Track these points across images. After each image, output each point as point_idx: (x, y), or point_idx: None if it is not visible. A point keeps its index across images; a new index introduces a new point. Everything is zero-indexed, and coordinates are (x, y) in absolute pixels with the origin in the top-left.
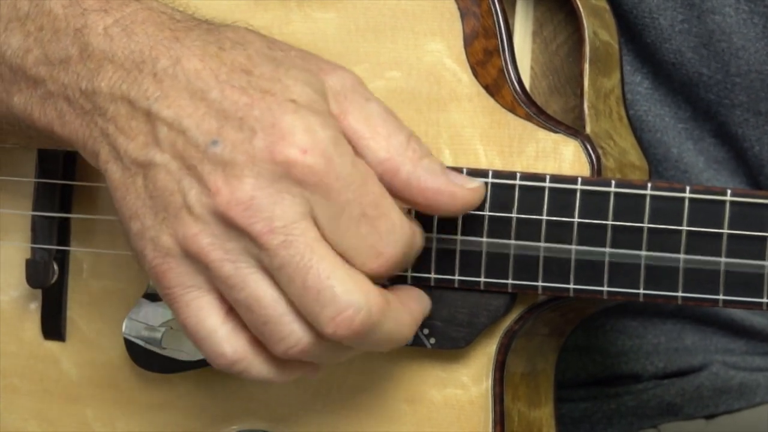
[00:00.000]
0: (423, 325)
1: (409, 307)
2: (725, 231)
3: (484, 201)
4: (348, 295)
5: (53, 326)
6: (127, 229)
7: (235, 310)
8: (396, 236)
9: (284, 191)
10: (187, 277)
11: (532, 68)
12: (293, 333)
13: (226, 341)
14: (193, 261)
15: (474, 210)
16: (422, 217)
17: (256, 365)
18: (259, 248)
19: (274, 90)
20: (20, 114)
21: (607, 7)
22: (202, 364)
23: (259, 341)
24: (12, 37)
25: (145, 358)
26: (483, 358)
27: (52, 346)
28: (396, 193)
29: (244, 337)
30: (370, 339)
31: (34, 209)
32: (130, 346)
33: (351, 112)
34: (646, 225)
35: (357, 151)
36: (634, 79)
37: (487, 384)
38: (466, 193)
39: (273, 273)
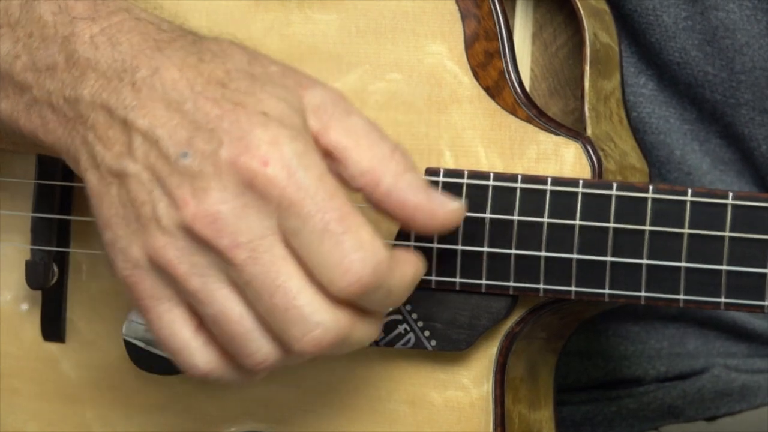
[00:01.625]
0: (424, 328)
1: (379, 318)
2: (727, 234)
3: (486, 203)
4: (316, 316)
5: (53, 327)
6: (102, 238)
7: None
8: (364, 254)
9: (249, 205)
10: (157, 289)
11: (532, 70)
12: (261, 349)
13: (199, 354)
14: (161, 273)
15: (475, 212)
16: None
17: (229, 374)
18: (226, 263)
19: (247, 102)
20: (6, 120)
21: (608, 8)
22: None
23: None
24: (2, 42)
25: (145, 360)
26: (484, 360)
27: (52, 347)
28: (376, 205)
29: (216, 349)
30: (341, 350)
31: (34, 210)
32: (130, 348)
33: (332, 126)
34: (647, 228)
35: (340, 164)
36: (638, 80)
37: (487, 386)
38: (445, 213)
39: (241, 288)
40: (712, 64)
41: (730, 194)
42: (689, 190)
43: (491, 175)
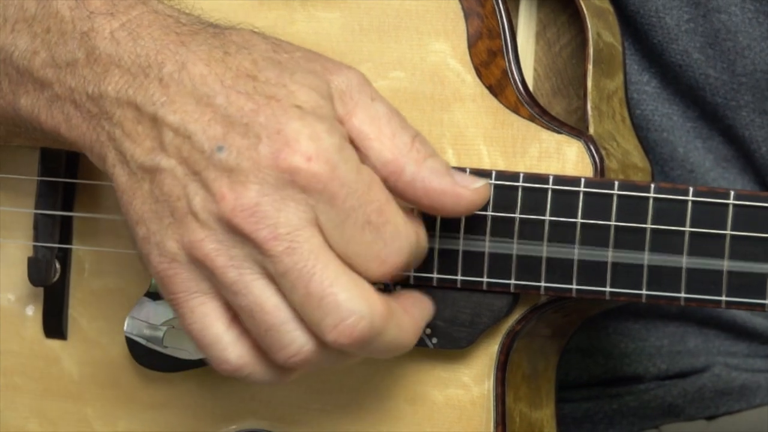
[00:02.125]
0: (425, 326)
1: (412, 315)
2: (728, 232)
3: (487, 201)
4: (351, 303)
5: (55, 325)
6: (133, 234)
7: (239, 316)
8: (400, 242)
9: (289, 198)
10: (193, 282)
11: (535, 70)
12: (295, 341)
13: (231, 348)
14: (198, 266)
15: (477, 210)
16: (425, 217)
17: (260, 371)
18: (263, 255)
19: (279, 95)
20: (27, 116)
21: (611, 9)
22: (203, 363)
23: (261, 347)
24: (19, 38)
25: (147, 357)
26: (485, 358)
27: (54, 344)
28: (400, 194)
29: (249, 343)
30: (372, 347)
31: (37, 207)
32: (132, 345)
33: (356, 113)
34: (649, 226)
35: (361, 152)
36: (642, 78)
37: (488, 384)
38: (470, 194)
39: (277, 279)
40: (713, 67)
41: (732, 193)
42: (691, 189)
43: (493, 173)
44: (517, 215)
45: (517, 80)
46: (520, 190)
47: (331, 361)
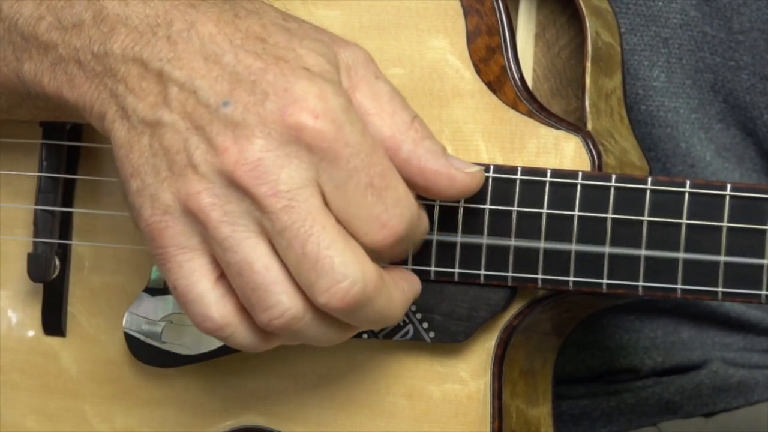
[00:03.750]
0: (423, 320)
1: (402, 287)
2: (725, 224)
3: (485, 195)
4: (345, 267)
5: (54, 321)
6: (126, 188)
7: (226, 275)
8: (402, 209)
9: (293, 155)
10: (183, 237)
11: (534, 71)
12: (280, 303)
13: (215, 306)
14: (191, 220)
15: (475, 203)
16: (424, 208)
17: (242, 332)
18: (261, 211)
19: (288, 57)
20: (30, 81)
21: (610, 8)
22: (201, 358)
23: (245, 309)
24: (24, 5)
25: (145, 353)
26: (482, 353)
27: (53, 341)
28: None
29: (233, 303)
30: (361, 314)
31: (37, 203)
32: (130, 341)
33: (360, 87)
34: (646, 219)
35: None
36: (651, 74)
37: (485, 379)
38: (464, 176)
39: (272, 237)
40: (710, 24)
41: (728, 185)
42: (687, 182)
43: (491, 167)
44: (515, 208)
45: (516, 77)
46: (518, 183)
47: (313, 330)
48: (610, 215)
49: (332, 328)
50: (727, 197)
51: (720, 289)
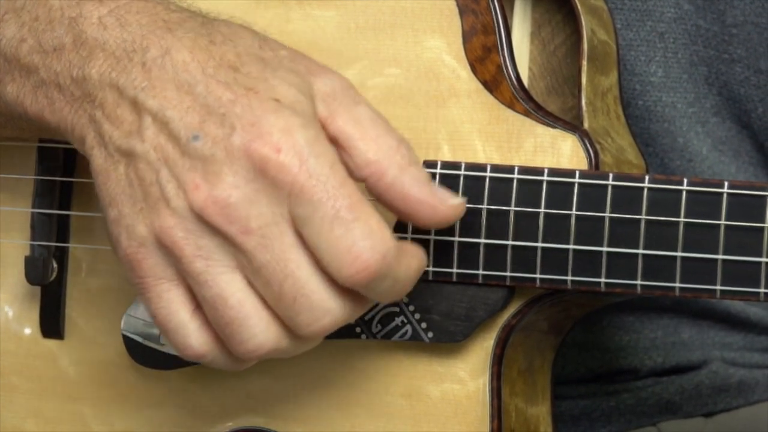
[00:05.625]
0: (421, 320)
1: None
2: (722, 222)
3: (483, 195)
4: (324, 303)
5: (52, 324)
6: (105, 215)
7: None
8: (372, 242)
9: (261, 191)
10: (159, 268)
11: (530, 69)
12: (255, 337)
13: (194, 336)
14: (166, 253)
15: (472, 203)
16: None
17: (221, 359)
18: (235, 248)
19: (259, 88)
20: (12, 103)
21: (605, 6)
22: None
23: None
24: (7, 27)
25: (143, 355)
26: (481, 352)
27: (51, 344)
28: (379, 197)
29: (211, 332)
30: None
31: (34, 206)
32: (129, 343)
33: (340, 114)
34: (643, 217)
35: (345, 152)
36: (649, 69)
37: (484, 379)
38: (446, 209)
39: (249, 274)
40: (704, 18)
41: (726, 183)
42: (685, 180)
43: (488, 166)
44: (512, 208)
45: (512, 76)
46: (515, 182)
47: (291, 351)
48: (607, 214)
49: (312, 344)
50: (725, 195)
51: (718, 287)
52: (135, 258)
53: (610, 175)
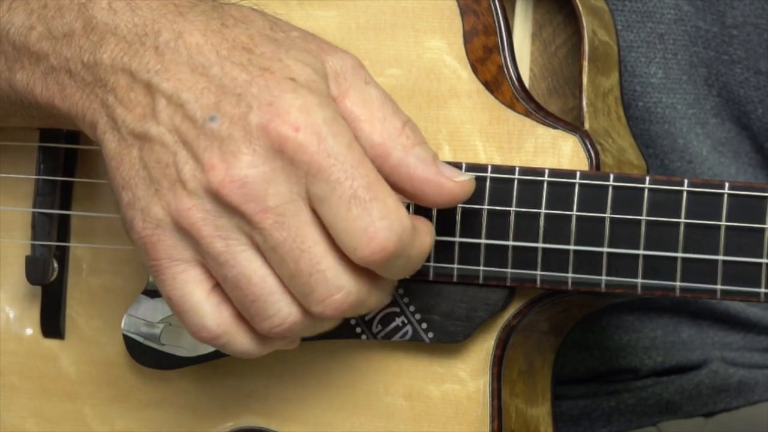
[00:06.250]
0: (421, 320)
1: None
2: (723, 223)
3: (483, 195)
4: (338, 280)
5: (52, 324)
6: (118, 199)
7: (220, 285)
8: (390, 222)
9: (278, 170)
10: (176, 250)
11: (531, 70)
12: (280, 312)
13: (210, 315)
14: (184, 235)
15: (473, 204)
16: (422, 211)
17: (239, 340)
18: (251, 227)
19: (274, 68)
20: (22, 90)
21: (606, 7)
22: (200, 360)
23: (242, 316)
24: (15, 15)
25: (144, 355)
26: (481, 353)
27: (52, 344)
28: (386, 179)
29: (228, 311)
30: (354, 314)
31: (35, 206)
32: (129, 343)
33: (349, 94)
34: (644, 218)
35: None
36: (649, 70)
37: (484, 379)
38: (453, 185)
39: (265, 252)
40: (703, 19)
41: (726, 184)
42: (686, 181)
43: (489, 167)
44: (513, 209)
45: (513, 76)
46: (515, 183)
47: (310, 330)
48: (608, 215)
49: (329, 324)
50: (725, 196)
51: (719, 287)
52: (150, 240)
53: (611, 176)
